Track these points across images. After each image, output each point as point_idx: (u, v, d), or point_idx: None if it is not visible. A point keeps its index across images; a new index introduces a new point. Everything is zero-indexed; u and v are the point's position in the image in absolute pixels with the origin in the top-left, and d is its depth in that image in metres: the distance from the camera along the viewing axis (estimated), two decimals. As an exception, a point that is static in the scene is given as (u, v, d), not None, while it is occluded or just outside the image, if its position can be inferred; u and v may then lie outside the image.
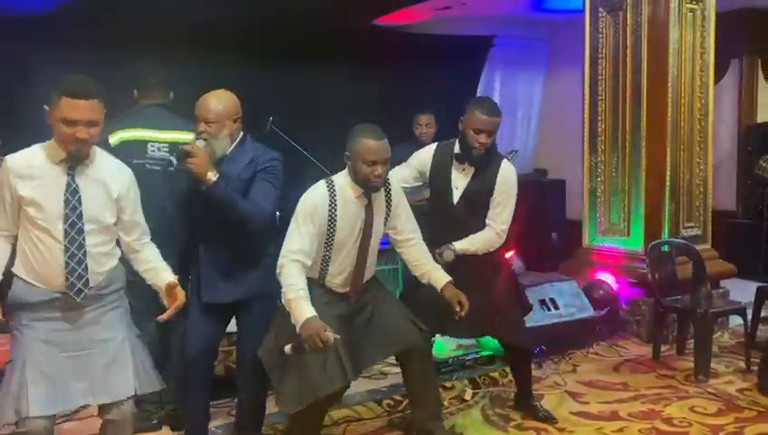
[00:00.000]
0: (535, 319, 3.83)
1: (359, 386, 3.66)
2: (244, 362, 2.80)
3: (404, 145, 4.33)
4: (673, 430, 3.09)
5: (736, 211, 6.71)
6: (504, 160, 3.05)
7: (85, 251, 2.11)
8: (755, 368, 3.84)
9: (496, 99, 7.07)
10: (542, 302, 4.12)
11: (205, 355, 2.77)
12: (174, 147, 2.85)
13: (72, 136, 2.03)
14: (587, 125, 4.86)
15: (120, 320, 2.25)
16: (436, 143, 3.17)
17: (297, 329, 2.36)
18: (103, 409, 2.21)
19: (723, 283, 4.84)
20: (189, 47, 4.33)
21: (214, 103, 2.62)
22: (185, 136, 2.89)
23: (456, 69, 6.32)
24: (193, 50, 4.34)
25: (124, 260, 2.35)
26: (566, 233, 6.14)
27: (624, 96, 4.60)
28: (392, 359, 3.05)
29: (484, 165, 2.97)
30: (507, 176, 2.98)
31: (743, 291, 4.59)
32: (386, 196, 2.71)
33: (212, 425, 2.99)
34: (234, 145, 2.68)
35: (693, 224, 4.65)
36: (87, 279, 2.12)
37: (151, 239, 2.39)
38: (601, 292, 4.44)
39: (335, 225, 2.57)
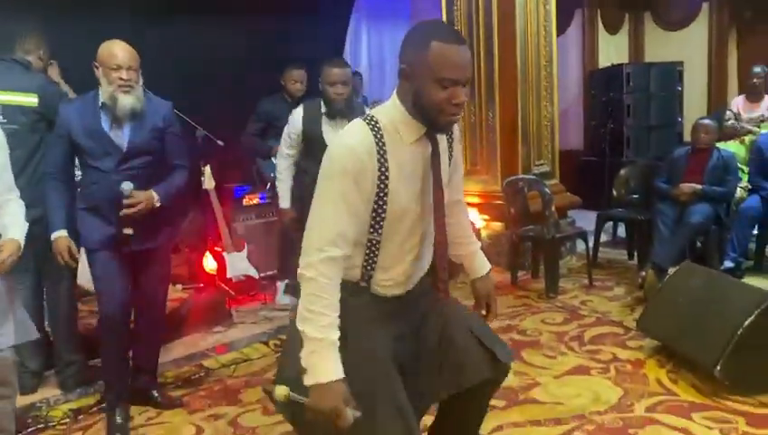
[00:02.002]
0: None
1: (245, 331, 3.89)
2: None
3: (276, 96, 4.48)
4: (527, 338, 3.55)
5: (584, 150, 7.45)
6: (368, 106, 3.34)
7: None
8: (597, 284, 4.44)
9: (364, 52, 7.35)
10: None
11: (125, 307, 2.77)
12: (5, 110, 2.82)
13: None
14: (447, 75, 5.19)
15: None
16: (301, 105, 3.45)
17: (307, 382, 1.54)
18: None
19: (570, 213, 5.43)
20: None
21: (128, 49, 2.56)
22: (19, 98, 2.85)
23: (323, 21, 6.42)
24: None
25: None
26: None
27: (478, 46, 4.95)
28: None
29: (348, 115, 3.21)
30: None
31: (589, 220, 5.16)
32: (448, 139, 1.81)
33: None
34: None
35: (543, 162, 5.15)
36: None
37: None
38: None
39: (387, 187, 1.64)
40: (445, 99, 1.58)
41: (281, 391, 1.55)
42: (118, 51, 2.54)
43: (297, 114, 3.47)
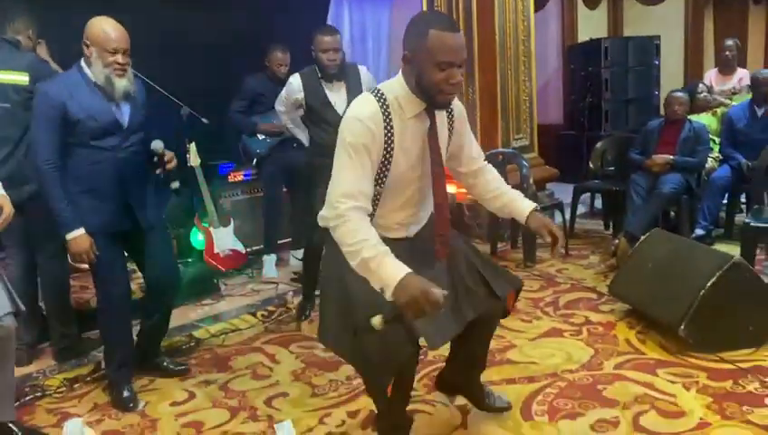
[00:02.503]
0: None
1: (234, 303, 4.01)
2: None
3: (260, 74, 4.55)
4: (504, 305, 3.70)
5: (563, 124, 7.59)
6: (358, 64, 3.59)
7: None
8: (573, 252, 4.60)
9: (346, 30, 7.37)
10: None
11: (128, 288, 2.88)
12: None
13: None
14: (428, 51, 5.28)
15: None
16: (296, 73, 3.54)
17: (389, 294, 1.71)
18: None
19: (551, 186, 5.57)
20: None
21: (122, 31, 2.53)
22: (11, 77, 2.93)
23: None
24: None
25: None
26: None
27: (458, 23, 5.04)
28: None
29: (343, 77, 3.44)
30: (366, 74, 3.55)
31: (568, 193, 5.25)
32: (448, 115, 2.05)
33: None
34: None
35: (521, 136, 5.28)
36: None
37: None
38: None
39: (391, 155, 1.89)
40: (443, 79, 1.81)
41: (375, 320, 1.72)
42: (113, 33, 2.51)
43: (296, 82, 3.49)
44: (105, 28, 2.51)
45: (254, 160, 4.60)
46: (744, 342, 2.91)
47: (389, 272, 1.72)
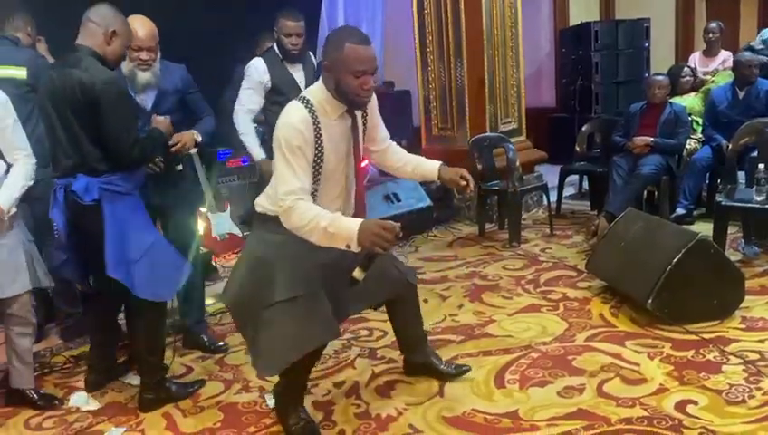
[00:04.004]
0: (381, 211, 4.47)
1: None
2: None
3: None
4: (487, 283, 3.88)
5: (555, 107, 7.70)
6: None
7: None
8: (558, 232, 4.76)
9: (341, 16, 7.47)
10: (387, 197, 4.77)
11: None
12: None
13: None
14: (417, 39, 5.43)
15: (16, 227, 2.61)
16: (257, 57, 3.59)
17: (354, 244, 1.97)
18: (5, 303, 2.61)
19: (541, 168, 5.69)
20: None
21: (150, 28, 2.78)
22: (10, 72, 3.10)
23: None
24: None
25: None
26: (416, 139, 6.81)
27: (446, 10, 5.17)
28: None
29: (302, 60, 3.58)
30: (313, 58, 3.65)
31: (558, 175, 5.40)
32: (363, 113, 2.35)
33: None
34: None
35: (510, 120, 5.42)
36: None
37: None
38: (436, 184, 5.15)
39: (322, 153, 2.14)
40: (357, 85, 2.11)
41: (356, 273, 2.08)
42: (140, 31, 2.73)
43: (260, 66, 3.51)
44: (134, 26, 2.71)
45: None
46: (709, 315, 3.08)
47: (347, 227, 2.00)
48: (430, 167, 2.50)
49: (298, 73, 3.57)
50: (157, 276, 2.55)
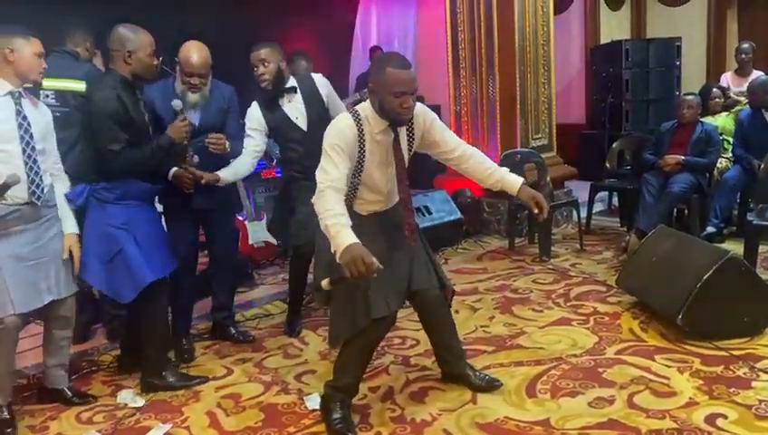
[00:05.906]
0: (412, 224, 4.56)
1: (266, 291, 4.33)
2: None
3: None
4: (518, 296, 3.95)
5: (585, 124, 7.75)
6: (313, 74, 3.46)
7: (39, 165, 2.60)
8: (588, 248, 4.82)
9: (373, 32, 7.65)
10: (417, 209, 4.86)
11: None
12: (59, 95, 3.27)
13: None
14: (450, 55, 5.55)
15: (60, 232, 2.76)
16: (254, 102, 3.36)
17: (337, 257, 2.18)
18: (53, 306, 2.74)
19: (571, 184, 5.76)
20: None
21: (204, 57, 3.06)
22: (71, 84, 3.28)
23: (332, 5, 6.73)
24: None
25: None
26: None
27: (479, 27, 5.29)
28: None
29: (293, 89, 3.34)
30: (320, 79, 3.44)
31: (588, 191, 5.43)
32: (408, 128, 2.55)
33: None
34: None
35: (540, 136, 5.50)
36: (42, 188, 2.62)
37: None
38: (467, 198, 5.26)
39: (364, 158, 2.42)
40: (398, 104, 2.35)
41: (324, 282, 2.27)
42: (193, 59, 3.04)
43: (255, 111, 3.33)
44: (189, 53, 3.05)
45: (274, 161, 4.91)
46: (739, 331, 3.12)
47: (342, 238, 2.19)
48: (512, 183, 2.62)
49: (295, 105, 3.34)
50: (114, 278, 2.80)
